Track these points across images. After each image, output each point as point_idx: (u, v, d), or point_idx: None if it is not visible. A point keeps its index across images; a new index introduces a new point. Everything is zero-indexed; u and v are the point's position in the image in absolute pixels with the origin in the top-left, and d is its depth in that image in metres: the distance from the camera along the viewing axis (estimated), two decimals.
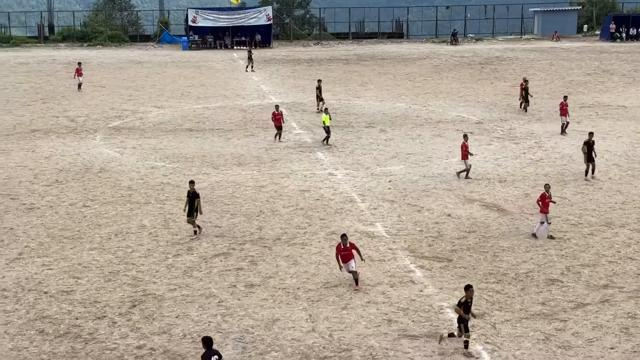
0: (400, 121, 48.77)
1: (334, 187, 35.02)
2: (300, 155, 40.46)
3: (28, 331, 21.80)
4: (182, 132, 45.82)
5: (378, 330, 21.82)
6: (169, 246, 28.01)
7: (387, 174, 36.89)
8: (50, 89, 59.44)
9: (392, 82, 63.76)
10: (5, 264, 26.39)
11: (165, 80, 64.31)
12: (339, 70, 70.44)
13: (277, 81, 64.40)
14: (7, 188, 34.70)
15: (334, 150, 41.50)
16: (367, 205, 32.49)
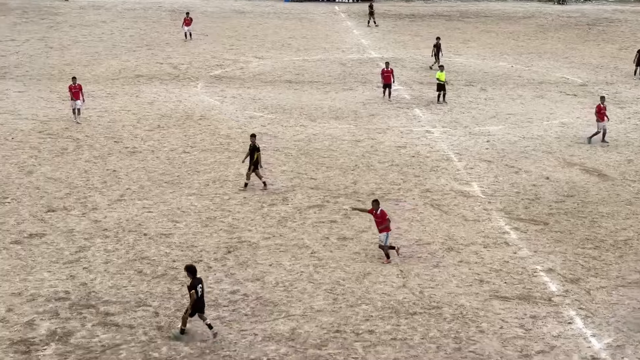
0: (501, 80, 47.98)
1: (430, 144, 34.82)
2: (398, 112, 40.29)
3: (127, 271, 22.51)
4: (281, 83, 46.09)
5: (469, 290, 21.79)
6: (265, 195, 28.39)
7: (485, 134, 36.46)
8: (155, 36, 60.38)
9: (495, 41, 62.60)
10: (108, 205, 27.21)
11: (266, 31, 64.56)
12: (440, 27, 69.43)
13: (377, 36, 63.95)
14: (111, 131, 35.62)
15: (432, 107, 41.18)
16: (463, 164, 32.24)
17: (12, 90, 42.17)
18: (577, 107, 41.76)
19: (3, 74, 46.22)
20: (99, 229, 25.21)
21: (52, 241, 24.32)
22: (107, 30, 63.06)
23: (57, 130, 35.54)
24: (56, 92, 42.14)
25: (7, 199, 27.47)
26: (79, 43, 56.74)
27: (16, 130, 35.30)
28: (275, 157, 32.45)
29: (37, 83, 44.11)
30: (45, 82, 44.34)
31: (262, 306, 20.75)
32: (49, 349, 18.53)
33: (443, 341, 19.28)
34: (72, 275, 22.18)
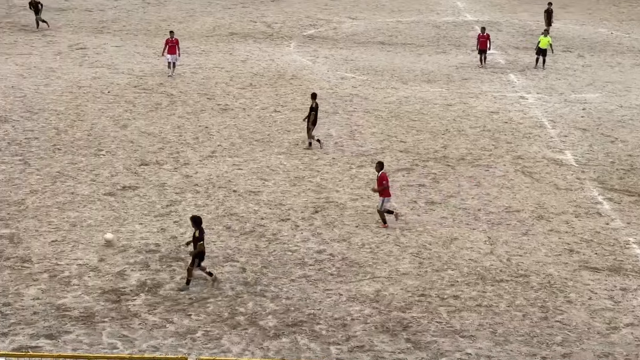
0: (600, 47, 46.73)
1: (524, 110, 34.23)
2: (492, 76, 39.67)
3: (216, 226, 22.85)
4: (374, 44, 45.82)
5: (558, 260, 21.47)
6: (354, 157, 28.39)
7: (581, 101, 35.64)
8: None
9: (595, 6, 60.91)
10: (199, 161, 27.61)
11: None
12: None
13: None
14: (204, 88, 36.04)
15: (527, 73, 40.41)
16: (557, 131, 31.62)
17: (110, 45, 42.98)
18: None
19: (101, 28, 47.12)
20: (190, 184, 25.63)
21: (145, 194, 24.84)
22: None
23: (152, 85, 36.13)
24: (152, 47, 42.77)
25: (102, 152, 28.13)
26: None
27: (112, 84, 36.03)
28: (366, 119, 32.37)
29: (134, 38, 44.87)
30: (141, 38, 45.06)
31: (347, 267, 20.85)
32: (139, 299, 19.00)
33: (529, 309, 19.08)
34: (163, 228, 22.64)
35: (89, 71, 37.91)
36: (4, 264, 20.37)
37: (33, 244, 21.47)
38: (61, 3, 53.89)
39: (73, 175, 26.05)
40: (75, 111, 32.17)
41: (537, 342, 17.83)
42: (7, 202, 23.88)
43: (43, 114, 31.72)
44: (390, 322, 18.43)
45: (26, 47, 41.91)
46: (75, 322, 17.94)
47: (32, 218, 22.94)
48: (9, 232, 22.05)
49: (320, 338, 17.74)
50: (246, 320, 18.34)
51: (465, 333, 18.07)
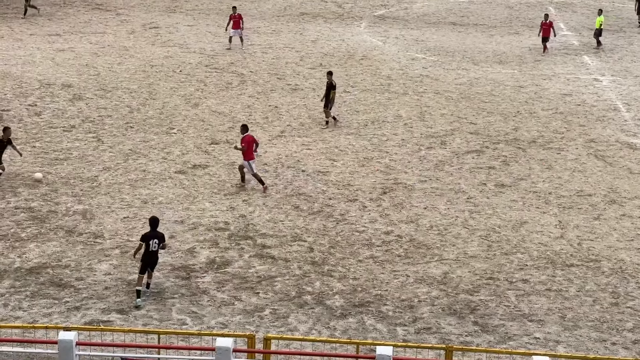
0: None
1: (597, 93, 33.60)
2: (565, 58, 38.99)
3: (284, 206, 23.00)
4: (445, 25, 45.39)
5: (630, 245, 21.11)
6: (423, 138, 28.25)
7: None
8: None
9: None
10: (268, 140, 27.77)
11: None
12: None
13: None
14: (274, 68, 36.17)
15: (601, 55, 39.61)
16: (631, 115, 30.98)
17: (182, 24, 43.38)
18: None
19: (174, 7, 47.55)
20: (260, 164, 25.77)
21: (215, 173, 25.10)
22: None
23: (223, 64, 36.40)
24: (223, 27, 43.02)
25: (174, 130, 28.49)
26: None
27: (184, 63, 36.39)
28: (436, 100, 32.15)
29: (206, 17, 45.19)
30: (213, 17, 45.36)
31: (415, 248, 20.81)
32: (208, 277, 19.26)
33: (600, 295, 18.82)
34: (232, 207, 22.87)
35: (161, 50, 38.35)
36: (77, 239, 20.82)
37: (105, 220, 21.90)
38: None
39: (145, 153, 26.45)
40: (147, 90, 32.61)
41: (607, 328, 17.60)
42: (80, 179, 24.38)
43: (116, 92, 32.23)
44: (458, 304, 18.37)
45: (100, 25, 42.57)
46: (145, 298, 18.25)
47: (104, 195, 23.38)
48: (82, 208, 22.52)
49: (387, 319, 17.77)
50: (313, 299, 18.46)
51: (533, 317, 17.92)
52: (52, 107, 30.33)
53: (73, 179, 24.33)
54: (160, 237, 18.38)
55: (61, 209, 22.46)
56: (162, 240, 18.38)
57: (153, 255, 18.30)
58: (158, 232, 18.45)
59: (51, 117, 29.29)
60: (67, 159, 25.75)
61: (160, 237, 18.37)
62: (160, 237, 18.38)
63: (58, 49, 37.77)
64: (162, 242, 18.36)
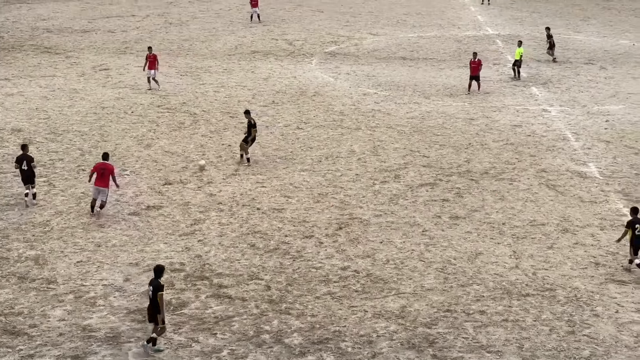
0: (622, 59, 46.48)
1: (547, 123, 34.10)
2: (514, 89, 39.57)
3: (240, 244, 22.91)
4: (395, 60, 45.86)
5: (584, 273, 21.33)
6: (377, 173, 28.39)
7: (604, 113, 35.45)
8: (271, 12, 60.87)
9: (617, 18, 60.65)
10: (223, 179, 27.71)
11: (381, 7, 64.27)
12: (560, 3, 67.72)
13: (494, 12, 62.85)
14: (227, 106, 36.19)
15: (549, 85, 40.28)
16: (580, 144, 31.47)
17: (133, 65, 43.28)
18: None
19: (124, 49, 47.48)
20: (214, 203, 25.72)
21: (169, 213, 24.95)
22: (225, 6, 63.93)
23: (175, 104, 36.34)
24: (174, 67, 43.07)
25: (127, 171, 28.30)
26: (197, 19, 57.75)
27: (136, 104, 36.27)
28: (388, 135, 32.37)
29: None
30: (164, 57, 45.26)
31: (372, 283, 20.81)
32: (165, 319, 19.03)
33: (556, 324, 18.96)
34: (188, 247, 22.72)
35: (112, 92, 38.21)
36: (30, 286, 20.51)
37: (58, 265, 21.61)
38: (84, 25, 54.39)
39: None
40: (99, 132, 32.41)
41: (564, 357, 17.72)
42: (32, 224, 24.07)
43: (67, 135, 31.98)
44: (416, 338, 18.38)
45: (50, 69, 42.32)
46: (101, 343, 18.01)
47: (57, 239, 23.10)
48: (34, 254, 22.21)
49: (346, 355, 17.71)
50: (271, 338, 18.35)
51: (491, 348, 17.98)
52: (1, 152, 29.99)
53: (25, 224, 24.01)
54: (155, 287, 17.63)
55: (13, 255, 22.14)
56: (157, 290, 17.60)
57: (151, 302, 17.74)
58: (157, 281, 17.70)
59: (1, 162, 28.95)
60: (18, 204, 25.42)
61: (155, 286, 17.64)
62: (155, 287, 17.63)
63: (7, 94, 37.46)
64: (156, 292, 17.57)
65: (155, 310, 17.65)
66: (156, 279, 17.70)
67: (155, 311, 17.65)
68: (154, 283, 17.69)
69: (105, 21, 56.38)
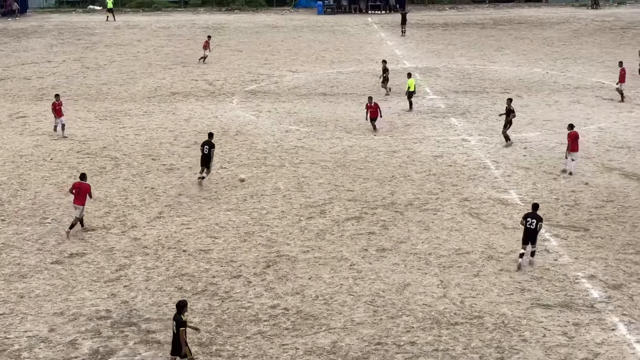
0: (537, 87, 47.67)
1: (467, 153, 34.67)
2: (434, 121, 40.18)
3: (167, 288, 22.63)
4: (316, 96, 46.19)
5: (510, 299, 21.62)
6: (302, 209, 28.42)
7: (522, 141, 36.22)
8: (190, 53, 60.85)
9: (529, 47, 62.28)
10: (147, 222, 27.40)
11: (300, 45, 64.81)
12: (474, 35, 69.30)
13: (411, 46, 63.93)
14: (148, 149, 35.90)
15: (467, 116, 41.01)
16: (501, 172, 32.05)
17: (50, 112, 42.64)
18: (614, 112, 41.37)
19: (41, 95, 46.81)
20: (139, 247, 25.40)
21: (93, 260, 24.53)
22: (142, 48, 63.73)
23: (95, 149, 35.90)
24: (93, 111, 42.62)
25: (48, 219, 27.77)
26: (115, 62, 57.39)
27: (55, 150, 35.71)
28: (312, 171, 32.50)
29: (75, 103, 44.61)
30: (82, 102, 44.85)
31: (302, 320, 20.75)
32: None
33: (485, 351, 19.14)
34: (113, 293, 22.35)
35: (30, 139, 37.58)
36: None
37: None
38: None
39: (18, 245, 25.65)
40: (17, 180, 31.79)
41: None
42: None
43: None
44: None
45: None
46: None
47: None
48: None
49: None
50: None
51: None
52: None
53: None
54: (178, 322, 18.01)
55: None
56: (180, 326, 17.96)
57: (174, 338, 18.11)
58: (179, 316, 18.08)
59: None
60: None
61: (178, 320, 18.02)
62: (178, 322, 18.01)
63: None
64: (179, 327, 17.95)
65: (179, 345, 17.96)
66: (179, 314, 18.03)
67: (179, 345, 17.96)
68: (177, 318, 18.02)
69: (20, 68, 55.61)
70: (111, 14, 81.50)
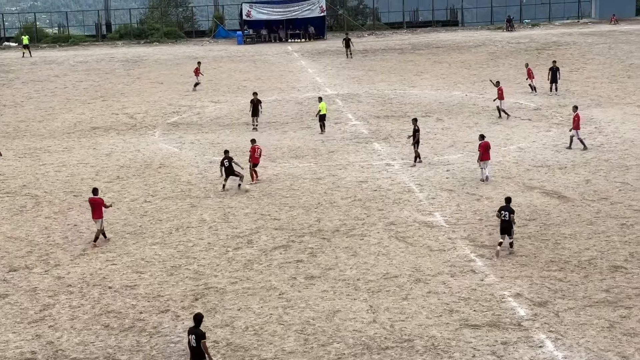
0: (456, 110, 48.43)
1: (391, 177, 34.96)
2: (357, 147, 40.45)
3: (94, 326, 22.20)
4: (238, 126, 46.11)
5: (439, 320, 21.77)
6: (229, 240, 28.25)
7: (444, 163, 36.70)
8: (109, 87, 60.26)
9: (448, 71, 63.31)
10: (70, 260, 26.89)
11: (221, 75, 64.73)
12: (393, 60, 70.18)
13: (331, 72, 64.41)
14: (70, 185, 35.31)
15: (390, 140, 41.40)
16: (425, 195, 32.37)
17: None
18: (532, 132, 42.24)
19: None
20: (63, 285, 24.89)
21: (16, 301, 23.94)
22: (60, 84, 62.88)
23: (15, 188, 35.17)
24: (12, 149, 41.78)
25: None
26: (32, 99, 56.48)
27: None
28: (238, 201, 32.36)
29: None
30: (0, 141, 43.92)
31: (232, 352, 20.54)
32: None
33: None
34: (38, 334, 21.82)
35: None
36: None
37: None
38: None
39: None
40: None
41: None
42: None
43: None
44: None
45: None
46: None
47: None
48: None
49: None
50: None
51: None
52: None
53: None
54: (198, 335, 18.26)
55: None
56: (200, 338, 18.19)
57: (193, 351, 18.30)
58: (198, 329, 18.47)
59: None
60: None
61: (197, 334, 18.27)
62: (198, 335, 18.26)
63: None
64: (200, 340, 18.18)
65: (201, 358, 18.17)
66: (197, 327, 18.46)
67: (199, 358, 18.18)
68: (197, 332, 18.31)
69: None
70: (27, 50, 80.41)
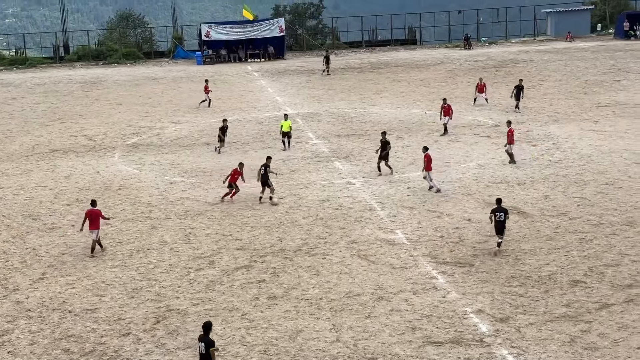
0: (416, 127, 48.72)
1: (352, 195, 35.02)
2: (318, 165, 40.50)
3: (54, 351, 21.91)
4: (199, 146, 45.97)
5: (402, 338, 21.80)
6: (191, 261, 28.08)
7: (405, 181, 36.86)
8: (68, 109, 59.80)
9: (407, 89, 63.71)
10: (29, 284, 26.55)
11: (181, 96, 64.53)
12: (353, 79, 70.48)
13: (292, 92, 64.51)
14: (28, 209, 34.92)
15: (351, 159, 41.52)
16: (386, 212, 32.47)
17: None
18: (491, 148, 42.60)
19: None
20: (22, 310, 24.55)
21: None
22: (18, 106, 62.29)
23: None
24: None
25: None
26: None
27: None
28: (199, 221, 32.20)
29: None
30: None
31: None
32: None
33: None
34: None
35: None
36: None
37: None
38: None
39: None
40: None
41: None
42: None
43: None
44: None
45: None
46: None
47: None
48: None
49: None
50: None
51: None
52: None
53: None
54: (207, 342, 18.49)
55: None
56: (209, 346, 18.45)
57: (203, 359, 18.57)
58: (207, 337, 18.86)
59: None
60: None
61: (207, 342, 18.51)
62: (207, 342, 18.49)
63: None
64: (209, 348, 18.44)
65: None
66: (206, 335, 18.82)
67: None
68: (206, 339, 18.60)
69: None
70: None
